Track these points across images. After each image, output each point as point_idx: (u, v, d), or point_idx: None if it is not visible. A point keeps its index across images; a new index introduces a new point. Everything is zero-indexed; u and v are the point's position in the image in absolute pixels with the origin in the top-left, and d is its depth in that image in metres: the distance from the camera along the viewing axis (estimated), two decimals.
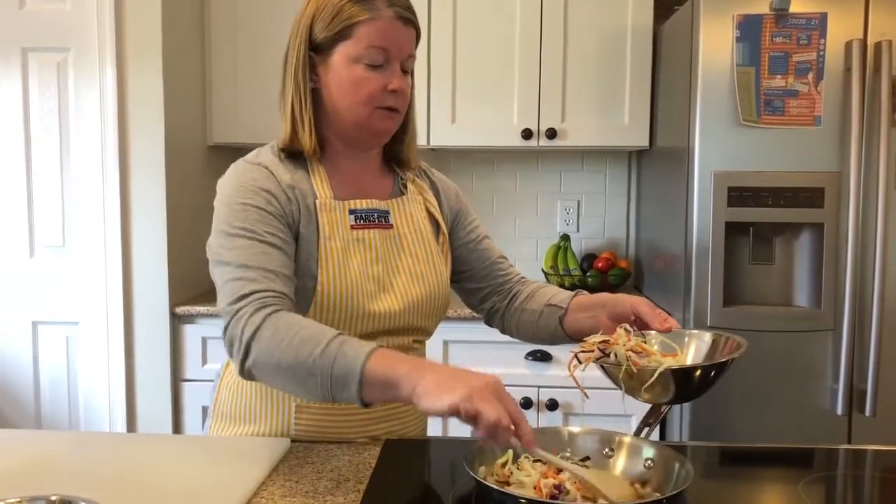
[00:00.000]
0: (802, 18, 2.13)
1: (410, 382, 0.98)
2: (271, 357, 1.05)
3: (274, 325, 1.07)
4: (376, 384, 1.00)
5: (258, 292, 1.11)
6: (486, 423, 0.92)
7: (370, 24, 1.19)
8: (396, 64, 1.22)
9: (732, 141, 2.17)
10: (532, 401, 2.49)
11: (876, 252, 2.13)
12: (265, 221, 1.17)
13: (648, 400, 1.14)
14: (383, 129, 1.26)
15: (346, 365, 1.01)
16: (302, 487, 1.07)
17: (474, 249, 1.43)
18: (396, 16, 1.20)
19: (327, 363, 1.02)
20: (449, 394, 0.94)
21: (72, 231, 2.53)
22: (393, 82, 1.21)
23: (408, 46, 1.23)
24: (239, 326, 1.09)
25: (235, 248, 1.15)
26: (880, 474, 1.18)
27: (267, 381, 1.11)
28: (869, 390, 2.15)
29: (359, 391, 1.01)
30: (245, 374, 1.10)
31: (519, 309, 1.41)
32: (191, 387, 2.57)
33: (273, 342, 1.05)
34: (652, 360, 1.11)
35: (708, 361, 1.18)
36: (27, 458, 1.14)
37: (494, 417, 0.91)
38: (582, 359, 1.14)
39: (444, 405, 0.94)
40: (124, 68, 2.46)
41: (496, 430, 0.92)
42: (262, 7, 2.75)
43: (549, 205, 3.11)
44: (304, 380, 1.04)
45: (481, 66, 2.72)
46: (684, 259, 2.29)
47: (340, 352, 1.02)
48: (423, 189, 1.39)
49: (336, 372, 1.01)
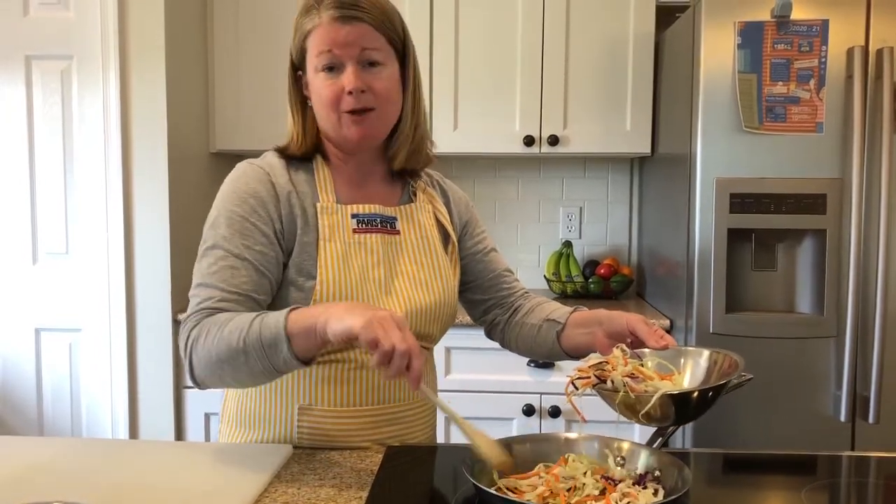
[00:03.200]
0: (804, 25, 2.13)
1: (323, 317, 1.03)
2: (210, 357, 1.12)
3: (206, 328, 1.13)
4: (300, 336, 1.05)
5: (205, 310, 1.16)
6: (383, 349, 0.97)
7: (314, 32, 1.21)
8: (350, 64, 1.20)
9: (734, 147, 2.17)
10: (534, 408, 2.48)
11: (878, 258, 2.13)
12: (244, 233, 1.20)
13: (648, 424, 1.13)
14: (354, 133, 1.23)
15: (270, 332, 1.06)
16: (304, 494, 1.07)
17: (481, 261, 1.43)
18: (334, 17, 1.20)
19: (255, 338, 1.07)
20: (351, 317, 0.99)
21: (75, 238, 2.53)
22: (346, 82, 1.20)
23: (358, 42, 1.20)
24: (182, 342, 1.16)
25: (209, 258, 1.19)
26: (884, 481, 1.17)
27: (216, 380, 1.15)
28: (872, 397, 2.15)
29: (289, 348, 1.05)
30: (198, 383, 1.17)
31: (519, 323, 1.41)
32: (193, 394, 2.57)
33: (207, 343, 1.12)
34: (649, 385, 1.11)
35: (705, 384, 1.17)
36: (30, 464, 1.14)
37: (390, 345, 0.97)
38: (579, 385, 1.14)
39: (347, 326, 0.99)
40: (127, 76, 2.47)
41: (391, 357, 0.97)
42: (264, 15, 2.75)
43: (551, 211, 3.11)
44: (244, 362, 1.09)
45: (483, 72, 2.73)
46: (686, 266, 2.29)
47: (263, 324, 1.08)
48: (434, 197, 1.39)
49: (265, 341, 1.07)
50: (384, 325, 0.98)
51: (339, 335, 1.01)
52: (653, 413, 1.08)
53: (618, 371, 1.12)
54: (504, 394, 2.51)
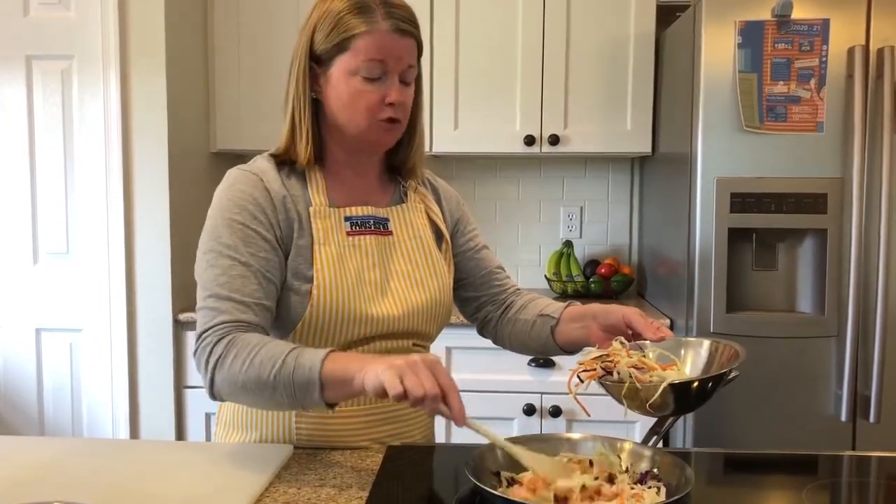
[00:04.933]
0: (804, 25, 2.13)
1: (360, 373, 1.03)
2: (236, 381, 1.11)
3: (234, 350, 1.12)
4: (335, 384, 1.06)
5: (226, 323, 1.15)
6: (413, 397, 0.97)
7: (367, 36, 1.19)
8: (395, 76, 1.21)
9: (735, 147, 2.17)
10: (535, 407, 2.48)
11: (879, 258, 2.13)
12: (247, 240, 1.19)
13: (652, 414, 1.14)
14: (383, 141, 1.26)
15: (303, 374, 1.06)
16: (304, 494, 1.07)
17: (472, 258, 1.43)
18: (394, 28, 1.19)
19: (286, 376, 1.07)
20: (382, 374, 0.99)
21: (75, 238, 2.53)
22: (391, 94, 1.21)
23: (406, 58, 1.22)
24: (204, 356, 1.14)
25: (216, 268, 1.18)
26: (885, 481, 1.17)
27: (234, 400, 1.16)
28: (873, 396, 2.15)
29: (321, 395, 1.06)
30: (214, 397, 1.16)
31: (511, 319, 1.41)
32: (194, 393, 2.57)
33: (234, 367, 1.11)
34: (654, 375, 1.11)
35: (709, 373, 1.18)
36: (30, 464, 1.14)
37: (420, 392, 0.97)
38: (584, 378, 1.14)
39: (378, 383, 0.99)
40: (128, 76, 2.47)
41: (423, 403, 0.98)
42: (265, 14, 2.75)
43: (551, 211, 3.11)
44: (271, 395, 1.09)
45: (484, 72, 2.73)
46: (687, 265, 2.29)
47: (298, 363, 1.07)
48: (425, 196, 1.39)
49: (297, 382, 1.07)
50: (414, 370, 0.99)
51: (374, 392, 1.01)
52: (660, 403, 1.08)
53: (623, 362, 1.12)
54: (505, 393, 2.51)
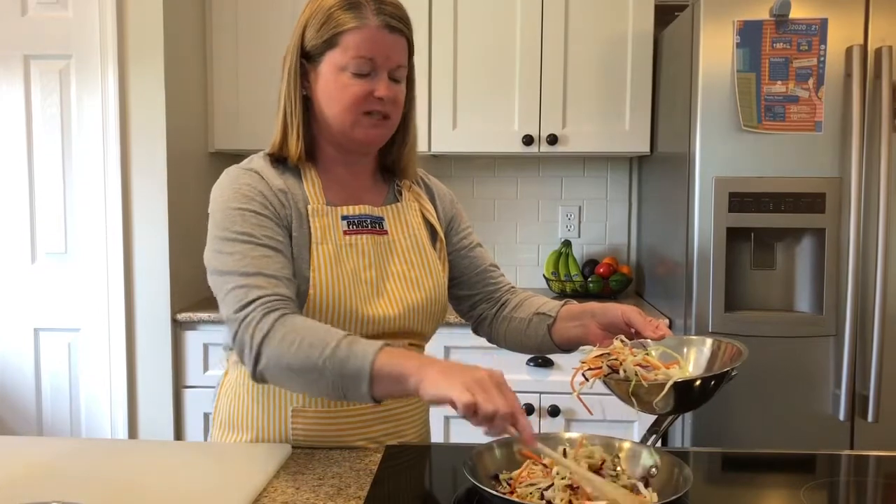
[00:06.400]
0: (803, 24, 2.13)
1: (417, 375, 1.01)
2: (281, 360, 1.08)
3: (283, 329, 1.09)
4: (385, 380, 1.04)
5: (263, 297, 1.12)
6: (484, 413, 0.94)
7: (356, 32, 1.19)
8: (384, 73, 1.21)
9: (733, 146, 2.18)
10: (534, 407, 2.48)
11: (877, 257, 2.13)
12: (262, 225, 1.18)
13: (657, 412, 1.14)
14: (370, 136, 1.25)
15: (355, 364, 1.04)
16: (302, 494, 1.07)
17: (466, 256, 1.43)
18: (384, 24, 1.20)
19: (337, 364, 1.05)
20: (448, 383, 0.97)
21: (73, 238, 2.53)
22: (379, 89, 1.21)
23: (395, 56, 1.22)
24: (248, 332, 1.11)
25: (236, 254, 1.16)
26: (883, 480, 1.17)
27: (279, 383, 1.14)
28: (871, 396, 2.15)
29: (369, 388, 1.04)
30: (258, 378, 1.13)
31: (507, 317, 1.41)
32: (192, 393, 2.57)
33: (283, 346, 1.08)
34: (659, 374, 1.11)
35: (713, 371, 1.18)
36: (29, 464, 1.14)
37: (492, 408, 0.94)
38: (589, 376, 1.14)
39: (444, 393, 0.97)
40: (126, 75, 2.47)
41: (492, 421, 0.95)
42: (263, 13, 2.75)
43: (550, 211, 3.11)
44: (316, 380, 1.07)
45: (482, 72, 2.73)
46: (685, 265, 2.29)
47: (350, 351, 1.05)
48: (419, 195, 1.39)
49: (347, 371, 1.05)
50: (483, 386, 0.96)
51: (434, 400, 0.99)
52: (665, 401, 1.09)
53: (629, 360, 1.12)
54: None
